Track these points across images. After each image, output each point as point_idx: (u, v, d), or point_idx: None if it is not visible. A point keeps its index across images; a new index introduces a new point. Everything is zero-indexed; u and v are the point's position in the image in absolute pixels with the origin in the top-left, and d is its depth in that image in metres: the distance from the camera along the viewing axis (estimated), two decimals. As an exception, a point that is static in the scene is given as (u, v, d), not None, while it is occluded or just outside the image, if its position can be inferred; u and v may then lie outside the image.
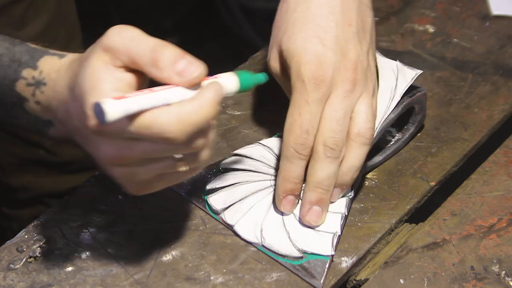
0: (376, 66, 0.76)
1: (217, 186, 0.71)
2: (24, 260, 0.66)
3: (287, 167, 0.68)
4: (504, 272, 0.67)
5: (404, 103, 0.74)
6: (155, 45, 0.56)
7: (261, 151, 0.74)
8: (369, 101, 0.68)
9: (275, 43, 0.71)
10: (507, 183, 0.74)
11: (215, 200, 0.70)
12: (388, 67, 0.76)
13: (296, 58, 0.68)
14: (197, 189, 0.72)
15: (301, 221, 0.69)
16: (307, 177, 0.68)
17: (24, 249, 0.67)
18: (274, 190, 0.70)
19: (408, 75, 0.74)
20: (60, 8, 0.96)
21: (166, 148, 0.56)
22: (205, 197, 0.71)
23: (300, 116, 0.66)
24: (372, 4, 0.73)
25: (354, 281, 0.68)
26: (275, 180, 0.70)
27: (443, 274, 0.67)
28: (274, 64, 0.72)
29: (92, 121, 0.55)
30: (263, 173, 0.72)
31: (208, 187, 0.72)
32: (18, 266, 0.65)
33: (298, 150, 0.67)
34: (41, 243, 0.67)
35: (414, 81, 0.74)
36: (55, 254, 0.66)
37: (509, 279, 0.66)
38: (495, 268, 0.67)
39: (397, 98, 0.73)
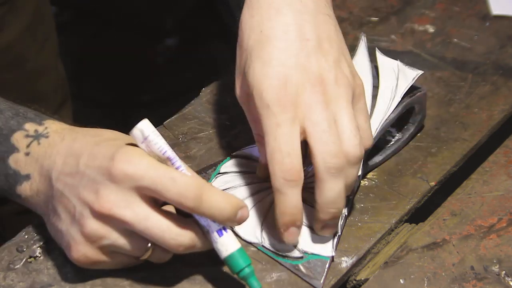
0: (377, 66, 0.76)
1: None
2: (24, 260, 0.66)
3: (281, 200, 0.63)
4: (504, 272, 0.67)
5: (404, 103, 0.74)
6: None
7: (261, 151, 0.74)
8: (349, 110, 0.64)
9: (239, 73, 0.69)
10: (507, 183, 0.74)
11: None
12: (389, 66, 0.76)
13: (256, 85, 0.64)
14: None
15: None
16: (316, 200, 0.64)
17: (24, 249, 0.67)
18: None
19: (409, 75, 0.75)
20: (38, 8, 0.95)
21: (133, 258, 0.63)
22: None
23: (276, 141, 0.62)
24: (333, 10, 0.69)
25: (354, 281, 0.68)
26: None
27: (443, 274, 0.67)
28: (240, 94, 0.69)
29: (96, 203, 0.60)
30: (263, 173, 0.72)
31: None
32: (18, 266, 0.65)
33: (287, 177, 0.62)
34: (41, 243, 0.67)
35: (414, 81, 0.74)
36: (55, 254, 0.66)
37: (509, 279, 0.66)
38: (495, 268, 0.67)
39: (398, 98, 0.73)
